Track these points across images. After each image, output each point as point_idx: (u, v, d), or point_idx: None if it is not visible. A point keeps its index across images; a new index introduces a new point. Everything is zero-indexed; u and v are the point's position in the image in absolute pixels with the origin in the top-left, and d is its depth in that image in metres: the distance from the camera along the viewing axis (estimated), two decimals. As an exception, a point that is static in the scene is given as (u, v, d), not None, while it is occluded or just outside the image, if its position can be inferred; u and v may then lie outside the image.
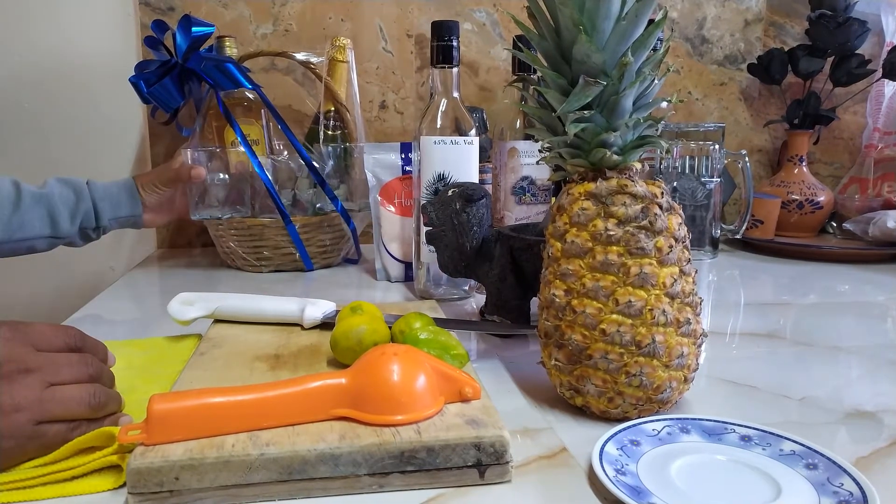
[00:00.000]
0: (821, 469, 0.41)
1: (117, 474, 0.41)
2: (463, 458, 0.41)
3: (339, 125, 1.08)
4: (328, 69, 1.07)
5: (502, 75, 1.31)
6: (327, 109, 1.08)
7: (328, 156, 1.05)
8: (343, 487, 0.40)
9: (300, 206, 1.07)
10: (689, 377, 0.50)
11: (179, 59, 1.00)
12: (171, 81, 1.01)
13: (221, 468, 0.39)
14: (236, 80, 1.01)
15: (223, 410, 0.41)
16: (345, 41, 1.08)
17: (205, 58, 1.00)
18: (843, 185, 1.44)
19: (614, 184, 0.49)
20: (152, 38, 1.03)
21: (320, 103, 1.07)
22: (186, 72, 1.02)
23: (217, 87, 1.02)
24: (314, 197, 1.07)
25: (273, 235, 1.04)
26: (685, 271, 0.50)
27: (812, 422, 0.52)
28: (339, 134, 1.08)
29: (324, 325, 0.66)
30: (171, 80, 1.01)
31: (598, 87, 0.48)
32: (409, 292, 0.94)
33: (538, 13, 0.50)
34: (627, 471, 0.41)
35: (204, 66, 1.00)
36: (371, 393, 0.43)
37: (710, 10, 1.40)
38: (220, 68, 1.00)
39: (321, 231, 1.07)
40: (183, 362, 0.59)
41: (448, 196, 0.73)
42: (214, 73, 1.00)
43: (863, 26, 1.29)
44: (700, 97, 1.43)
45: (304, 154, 1.03)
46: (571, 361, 0.49)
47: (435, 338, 0.53)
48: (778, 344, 0.71)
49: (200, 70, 1.00)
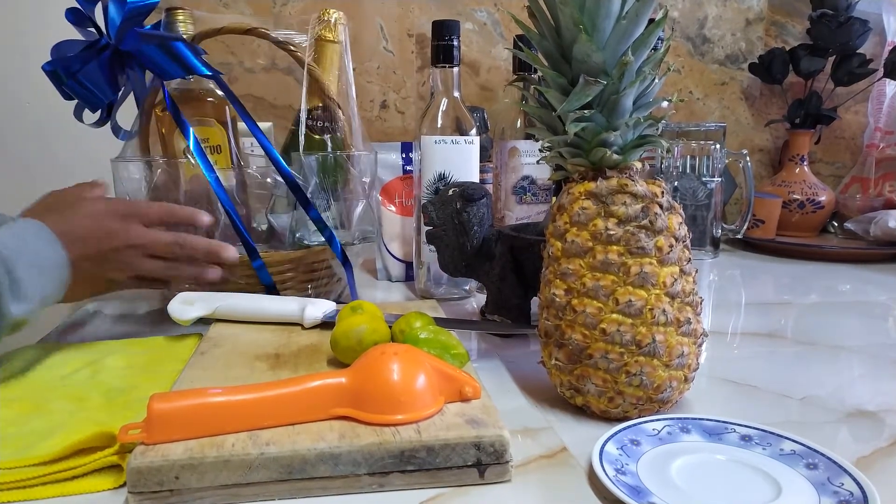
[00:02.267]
0: (821, 469, 0.41)
1: (117, 474, 0.42)
2: (463, 457, 0.41)
3: (328, 127, 0.82)
4: (314, 51, 0.80)
5: (503, 75, 1.31)
6: (312, 106, 0.81)
7: (310, 169, 0.76)
8: (343, 487, 0.40)
9: (276, 235, 0.80)
10: (690, 377, 0.50)
11: (112, 38, 0.73)
12: (100, 68, 0.73)
13: (221, 467, 0.39)
14: (188, 65, 0.72)
15: (223, 410, 0.41)
16: (336, 14, 0.82)
17: (144, 35, 0.72)
18: (844, 185, 1.43)
19: (615, 183, 0.49)
20: (77, 12, 0.75)
21: (303, 99, 0.78)
22: (121, 55, 0.74)
23: (162, 75, 0.73)
24: (294, 223, 0.79)
25: (236, 279, 0.74)
26: (685, 271, 0.49)
27: (813, 421, 0.52)
28: (327, 139, 0.81)
29: (324, 324, 0.66)
30: (98, 67, 0.73)
31: (599, 86, 0.47)
32: (410, 292, 0.94)
33: (539, 13, 0.50)
34: (627, 470, 0.41)
35: (143, 46, 0.72)
36: (371, 392, 0.43)
37: (711, 10, 1.40)
38: (166, 49, 0.72)
39: (303, 270, 0.79)
40: (183, 362, 0.59)
41: (449, 196, 0.73)
42: (158, 57, 0.72)
43: (864, 26, 1.29)
44: (701, 97, 1.42)
45: (280, 163, 0.75)
46: (572, 361, 0.49)
47: (435, 337, 0.53)
48: (779, 343, 0.71)
49: (139, 52, 0.72)
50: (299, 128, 0.77)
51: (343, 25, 0.82)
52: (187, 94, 0.80)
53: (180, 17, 0.81)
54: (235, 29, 0.78)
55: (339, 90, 0.82)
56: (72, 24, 0.76)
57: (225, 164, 0.81)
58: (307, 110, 0.80)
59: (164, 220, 0.69)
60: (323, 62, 0.81)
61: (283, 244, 0.80)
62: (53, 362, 0.62)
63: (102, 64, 0.73)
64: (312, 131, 0.81)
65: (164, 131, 0.81)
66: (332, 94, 0.80)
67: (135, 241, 0.65)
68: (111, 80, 0.75)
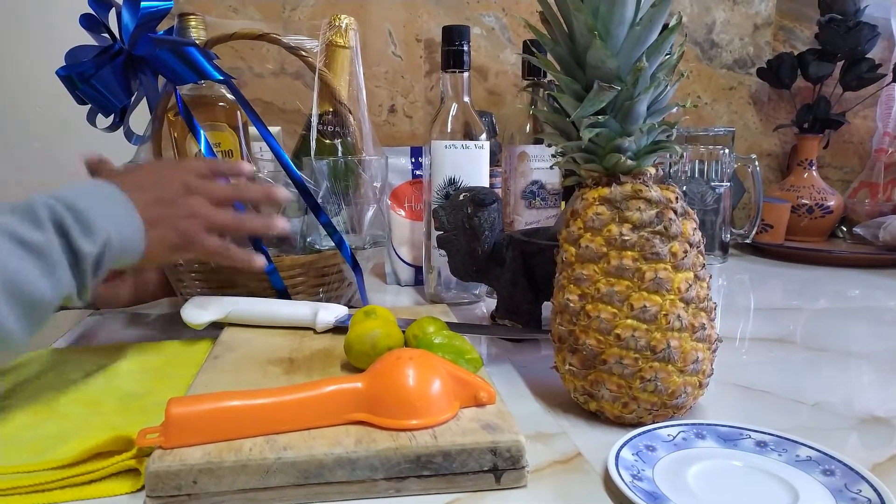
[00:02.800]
0: (838, 475, 0.41)
1: (135, 478, 0.42)
2: (479, 462, 0.41)
3: (339, 131, 0.83)
4: (324, 57, 0.82)
5: (511, 79, 1.31)
6: (323, 111, 0.82)
7: (321, 173, 0.77)
8: (360, 492, 0.40)
9: (287, 241, 0.80)
10: (704, 382, 0.50)
11: (125, 43, 0.74)
12: (113, 73, 0.75)
13: (239, 472, 0.39)
14: (200, 70, 0.73)
15: (240, 414, 0.41)
16: (347, 20, 0.83)
17: (157, 40, 0.74)
18: (853, 190, 1.43)
19: (629, 189, 0.49)
20: (90, 18, 0.76)
21: (314, 103, 0.79)
22: (134, 60, 0.75)
23: (174, 79, 0.75)
24: (305, 228, 0.80)
25: (247, 282, 0.75)
26: (700, 276, 0.50)
27: (826, 427, 0.52)
28: (338, 143, 0.82)
29: (335, 328, 0.66)
30: (112, 72, 0.75)
31: (613, 92, 0.48)
32: (420, 296, 0.94)
33: (552, 18, 0.50)
34: (644, 476, 0.41)
35: (156, 51, 0.73)
36: (387, 397, 0.43)
37: (719, 15, 1.40)
38: (179, 54, 0.73)
39: (314, 275, 0.79)
40: (197, 366, 0.59)
41: (460, 200, 0.73)
42: (171, 61, 0.73)
43: (873, 30, 1.29)
44: (709, 101, 1.42)
45: (291, 168, 0.74)
46: (585, 366, 0.49)
47: (449, 342, 0.53)
48: (789, 349, 0.71)
49: (152, 57, 0.74)
50: (310, 132, 0.78)
51: (354, 31, 0.83)
52: (199, 99, 0.81)
53: (193, 23, 0.82)
54: (247, 34, 0.78)
55: (349, 95, 0.83)
56: (85, 30, 0.77)
57: None
58: (318, 115, 0.80)
59: (212, 170, 0.66)
60: (334, 67, 0.82)
61: (294, 249, 0.80)
62: (67, 367, 0.62)
63: (116, 69, 0.75)
64: (323, 136, 0.82)
65: (177, 136, 0.82)
66: (343, 99, 0.80)
67: (196, 188, 0.62)
68: (124, 84, 0.76)
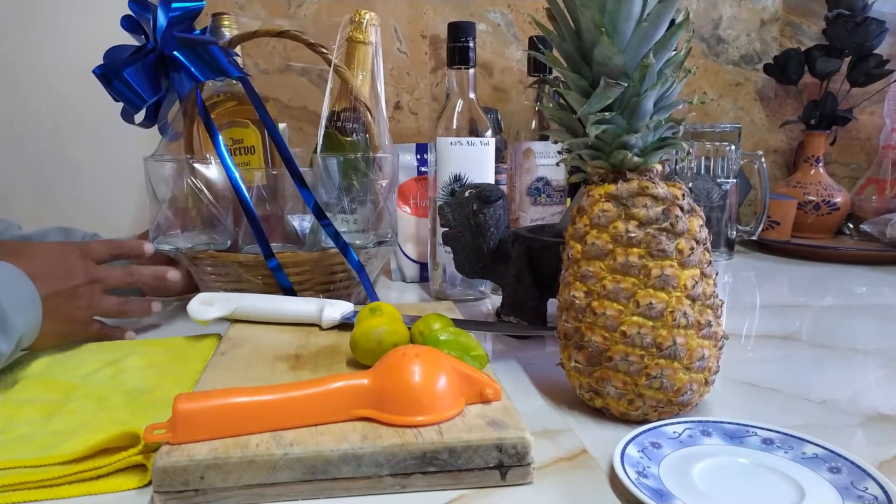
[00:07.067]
0: (844, 473, 0.41)
1: (142, 473, 0.42)
2: (485, 459, 0.41)
3: (356, 129, 0.82)
4: (345, 53, 0.81)
5: (517, 76, 1.31)
6: (341, 108, 0.81)
7: (333, 171, 0.77)
8: (366, 488, 0.41)
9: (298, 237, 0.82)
10: (710, 379, 0.50)
11: (158, 42, 0.76)
12: (144, 70, 0.77)
13: (246, 468, 0.39)
14: (219, 67, 0.75)
15: (247, 410, 0.41)
16: (368, 15, 0.82)
17: (180, 39, 0.75)
18: (860, 186, 1.42)
19: (635, 185, 0.49)
20: (130, 19, 0.78)
21: (326, 100, 0.77)
22: (165, 59, 0.77)
23: (194, 77, 0.77)
24: (315, 225, 0.79)
25: (252, 276, 0.76)
26: (706, 273, 0.49)
27: (832, 425, 0.51)
28: (357, 140, 0.81)
29: (341, 325, 0.66)
30: (143, 70, 0.76)
31: (620, 88, 0.47)
32: (425, 293, 0.94)
33: (558, 15, 0.50)
34: (649, 473, 0.41)
35: (180, 49, 0.76)
36: (393, 394, 0.43)
37: (725, 10, 1.39)
38: (198, 52, 0.75)
39: (321, 272, 0.78)
40: (203, 362, 0.60)
41: (465, 197, 0.73)
42: (192, 59, 0.76)
43: (881, 26, 1.28)
44: (716, 97, 1.42)
45: (295, 167, 0.74)
46: (591, 363, 0.49)
47: (455, 339, 0.53)
48: (795, 346, 0.71)
49: (177, 55, 0.76)
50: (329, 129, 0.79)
51: (375, 26, 0.83)
52: (229, 96, 0.85)
53: (226, 23, 0.86)
54: (269, 32, 0.79)
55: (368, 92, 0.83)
56: (126, 31, 0.79)
57: (258, 165, 0.85)
58: (336, 112, 0.81)
59: (112, 254, 0.72)
60: (352, 63, 0.82)
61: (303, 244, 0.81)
62: (73, 362, 0.62)
63: (146, 66, 0.77)
64: (341, 133, 0.82)
65: (203, 133, 0.83)
66: (362, 97, 0.79)
67: (94, 276, 0.67)
68: (152, 81, 0.78)
